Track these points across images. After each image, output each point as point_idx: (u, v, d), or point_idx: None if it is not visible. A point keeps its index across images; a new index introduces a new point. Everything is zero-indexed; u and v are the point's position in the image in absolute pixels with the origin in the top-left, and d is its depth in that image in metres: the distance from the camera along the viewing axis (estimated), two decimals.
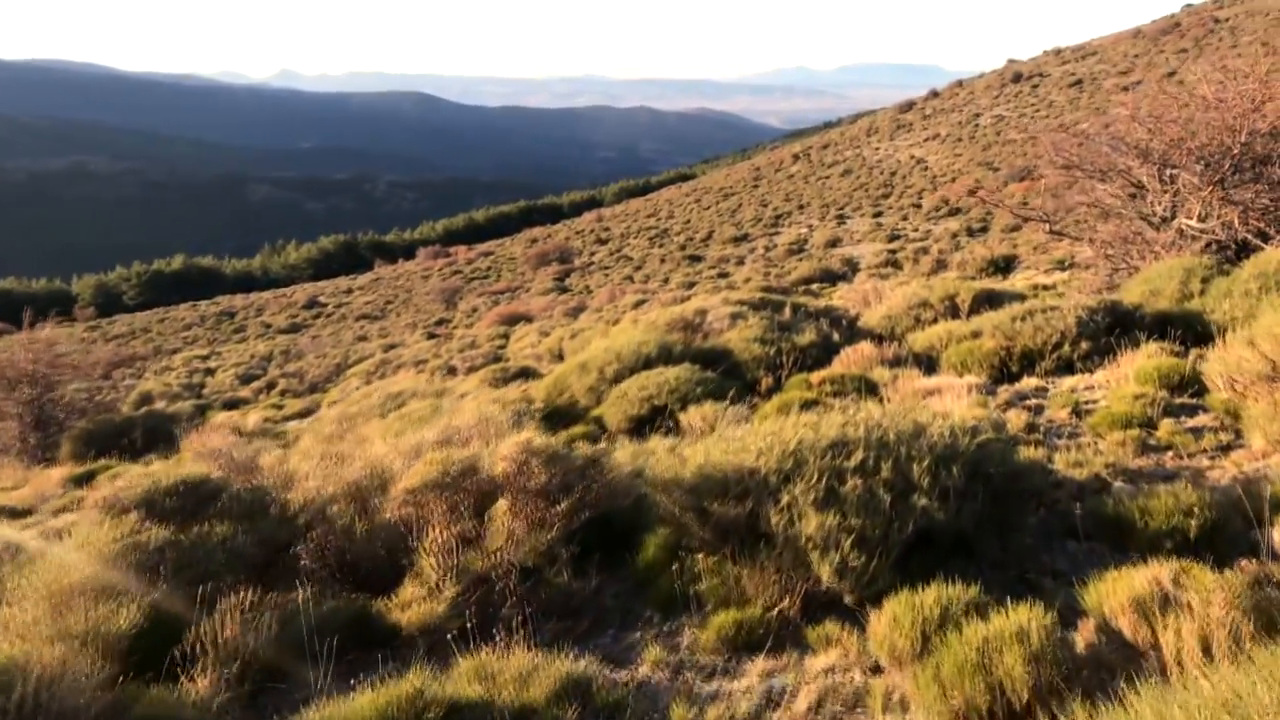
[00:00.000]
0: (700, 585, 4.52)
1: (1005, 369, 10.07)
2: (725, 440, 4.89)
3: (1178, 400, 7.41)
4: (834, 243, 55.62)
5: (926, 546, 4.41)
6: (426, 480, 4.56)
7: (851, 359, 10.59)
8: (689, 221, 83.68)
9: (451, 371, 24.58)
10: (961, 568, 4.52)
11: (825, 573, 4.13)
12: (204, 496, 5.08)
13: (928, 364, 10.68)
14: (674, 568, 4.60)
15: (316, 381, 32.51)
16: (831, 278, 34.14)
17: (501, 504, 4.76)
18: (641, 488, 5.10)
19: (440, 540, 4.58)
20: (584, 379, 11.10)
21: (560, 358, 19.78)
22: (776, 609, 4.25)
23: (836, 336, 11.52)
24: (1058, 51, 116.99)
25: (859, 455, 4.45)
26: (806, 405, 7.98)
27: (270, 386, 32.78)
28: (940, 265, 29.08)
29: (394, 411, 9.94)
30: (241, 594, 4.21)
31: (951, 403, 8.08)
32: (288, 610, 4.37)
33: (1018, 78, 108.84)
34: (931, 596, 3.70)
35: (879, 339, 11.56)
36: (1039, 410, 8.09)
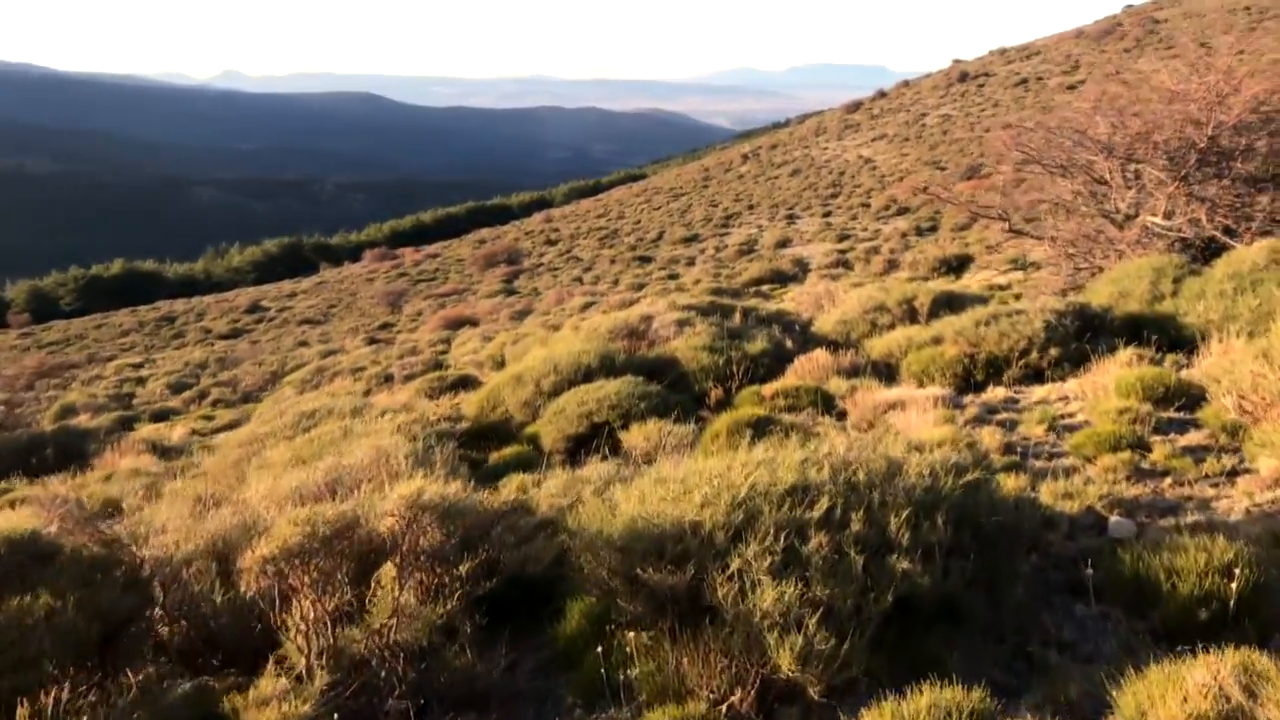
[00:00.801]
0: (632, 670, 3.67)
1: (969, 377, 9.38)
2: (663, 483, 4.03)
3: (1165, 414, 6.72)
4: (784, 243, 55.23)
5: (905, 614, 3.62)
6: (288, 546, 3.66)
7: (805, 368, 9.84)
8: (639, 222, 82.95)
9: (388, 380, 23.51)
10: (948, 637, 3.74)
11: (785, 659, 3.31)
12: (33, 558, 4.17)
13: (886, 372, 9.96)
14: (600, 647, 3.74)
15: (251, 390, 31.23)
16: (782, 278, 33.50)
17: (388, 569, 3.89)
18: (564, 540, 4.24)
19: (309, 617, 3.71)
20: (519, 392, 10.23)
21: (502, 365, 18.85)
22: (726, 704, 3.42)
23: (789, 344, 10.76)
24: (1003, 51, 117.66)
25: (824, 504, 3.63)
26: (759, 425, 7.20)
27: (203, 396, 31.41)
28: (891, 265, 28.57)
29: (307, 432, 9.00)
30: (51, 693, 3.31)
31: (916, 418, 7.35)
32: (118, 709, 3.48)
33: (964, 77, 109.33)
34: (924, 704, 2.91)
35: (834, 346, 10.81)
36: (1011, 426, 7.37)
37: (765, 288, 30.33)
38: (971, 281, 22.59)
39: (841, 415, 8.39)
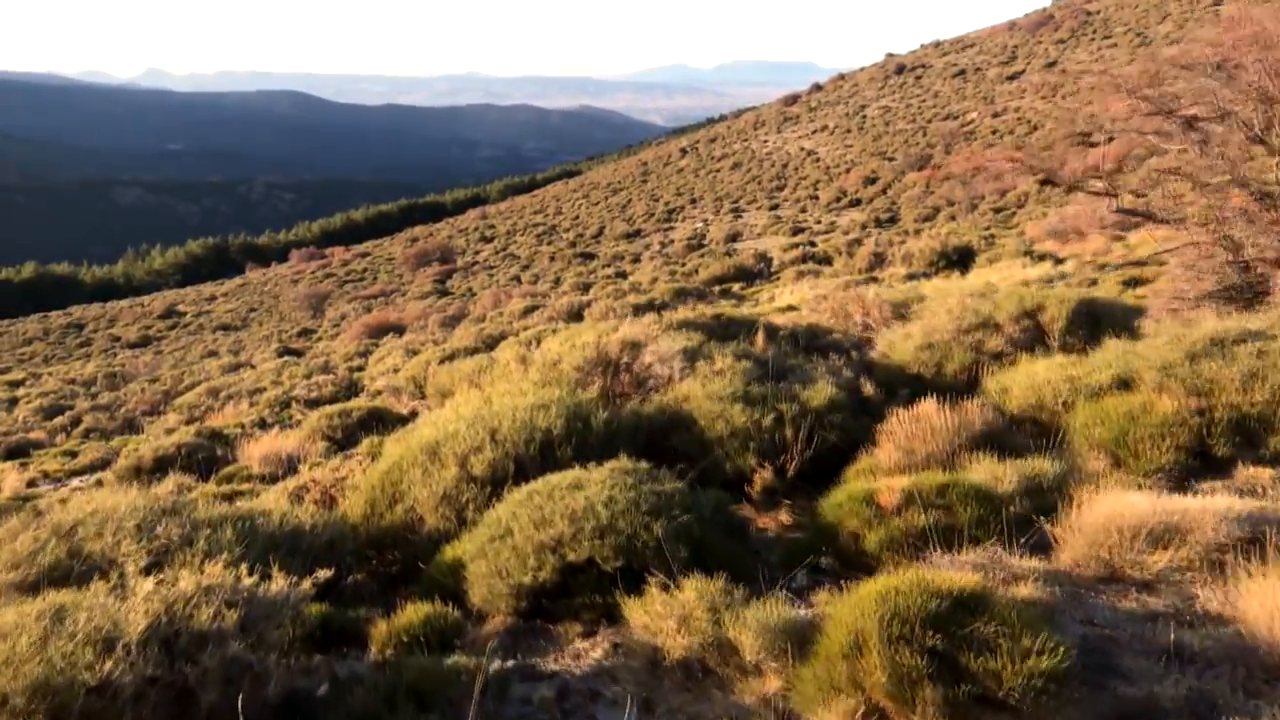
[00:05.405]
0: None
1: (1204, 450, 5.50)
2: None
3: None
4: (734, 237, 52.01)
5: None
6: None
7: (914, 435, 5.83)
8: (578, 218, 79.31)
9: (287, 405, 19.20)
10: None
11: None
12: None
13: (1039, 435, 6.04)
14: None
15: (134, 415, 26.41)
16: (748, 275, 29.65)
17: None
18: None
19: None
20: (434, 478, 6.06)
21: (422, 394, 14.68)
22: None
23: (869, 388, 6.77)
24: (937, 44, 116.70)
25: None
26: (943, 623, 3.22)
27: (76, 423, 26.47)
28: (879, 259, 24.85)
29: (54, 583, 4.85)
30: None
31: (1271, 593, 3.39)
32: None
33: (900, 69, 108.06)
34: None
35: (928, 387, 6.86)
36: None
37: (735, 287, 26.41)
38: (987, 277, 18.92)
39: (1038, 546, 4.45)
